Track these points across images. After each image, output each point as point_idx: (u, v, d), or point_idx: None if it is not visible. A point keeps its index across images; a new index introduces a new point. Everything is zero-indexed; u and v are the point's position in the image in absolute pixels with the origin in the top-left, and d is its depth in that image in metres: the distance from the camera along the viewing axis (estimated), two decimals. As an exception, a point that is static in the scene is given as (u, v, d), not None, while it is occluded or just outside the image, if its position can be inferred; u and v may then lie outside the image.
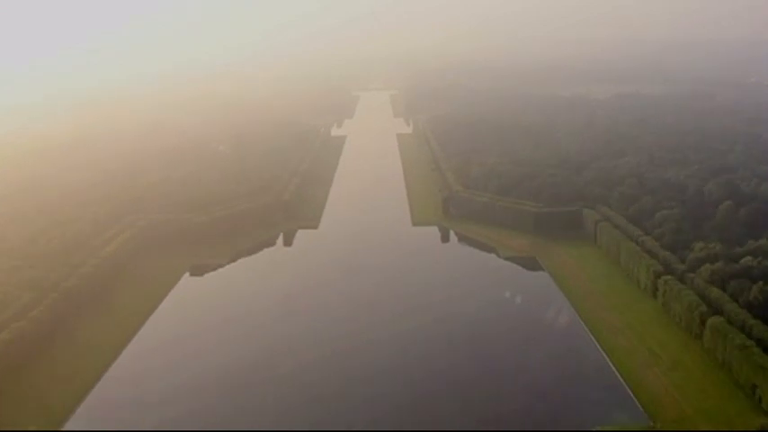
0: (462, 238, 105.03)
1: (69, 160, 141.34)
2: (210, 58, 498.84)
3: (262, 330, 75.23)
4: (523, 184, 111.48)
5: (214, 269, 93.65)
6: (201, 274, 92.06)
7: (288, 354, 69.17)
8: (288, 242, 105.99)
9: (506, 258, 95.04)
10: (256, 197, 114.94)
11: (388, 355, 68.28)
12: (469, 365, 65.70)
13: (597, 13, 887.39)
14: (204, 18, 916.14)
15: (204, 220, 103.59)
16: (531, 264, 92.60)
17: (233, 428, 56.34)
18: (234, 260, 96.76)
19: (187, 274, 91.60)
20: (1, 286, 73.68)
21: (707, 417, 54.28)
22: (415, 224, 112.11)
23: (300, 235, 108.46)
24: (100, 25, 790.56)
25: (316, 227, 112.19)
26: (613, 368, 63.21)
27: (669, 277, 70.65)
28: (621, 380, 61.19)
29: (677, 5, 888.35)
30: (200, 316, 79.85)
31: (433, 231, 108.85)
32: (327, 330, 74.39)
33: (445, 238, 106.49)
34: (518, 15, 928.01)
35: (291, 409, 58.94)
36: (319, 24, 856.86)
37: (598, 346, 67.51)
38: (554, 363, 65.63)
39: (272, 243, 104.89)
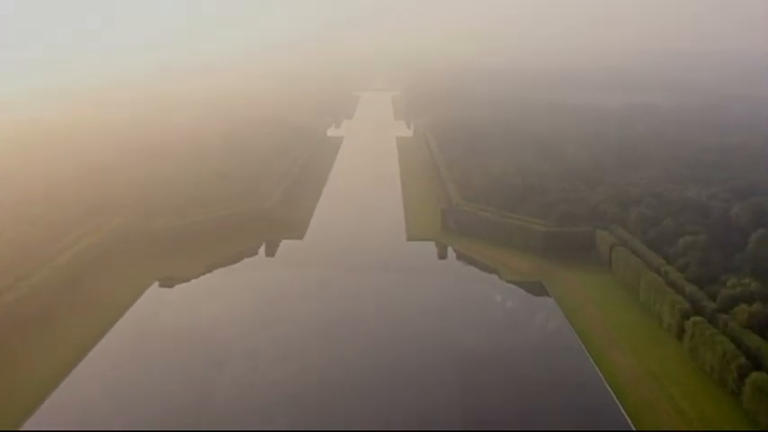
0: (461, 257, 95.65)
1: (43, 153, 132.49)
2: (209, 55, 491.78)
3: (234, 350, 66.38)
4: (531, 198, 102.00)
5: (186, 280, 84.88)
6: (172, 286, 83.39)
7: (259, 377, 61.04)
8: (270, 253, 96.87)
9: (509, 281, 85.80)
10: (239, 201, 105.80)
11: (370, 390, 59.33)
12: (462, 413, 56.26)
13: (600, 18, 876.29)
14: (204, 16, 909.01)
15: (178, 225, 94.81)
16: (536, 289, 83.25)
17: None
18: (209, 270, 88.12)
19: (156, 285, 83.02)
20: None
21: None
22: (410, 239, 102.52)
23: (284, 245, 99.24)
24: (100, 23, 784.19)
25: (301, 237, 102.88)
26: (631, 425, 53.96)
27: (699, 318, 61.15)
28: (642, 441, 52.17)
29: (682, 15, 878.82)
30: (166, 332, 71.08)
31: (430, 247, 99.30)
32: (305, 353, 65.65)
33: (442, 255, 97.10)
34: (519, 17, 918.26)
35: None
36: (319, 24, 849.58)
37: (613, 396, 58.16)
38: (558, 413, 56.21)
39: (253, 253, 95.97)
